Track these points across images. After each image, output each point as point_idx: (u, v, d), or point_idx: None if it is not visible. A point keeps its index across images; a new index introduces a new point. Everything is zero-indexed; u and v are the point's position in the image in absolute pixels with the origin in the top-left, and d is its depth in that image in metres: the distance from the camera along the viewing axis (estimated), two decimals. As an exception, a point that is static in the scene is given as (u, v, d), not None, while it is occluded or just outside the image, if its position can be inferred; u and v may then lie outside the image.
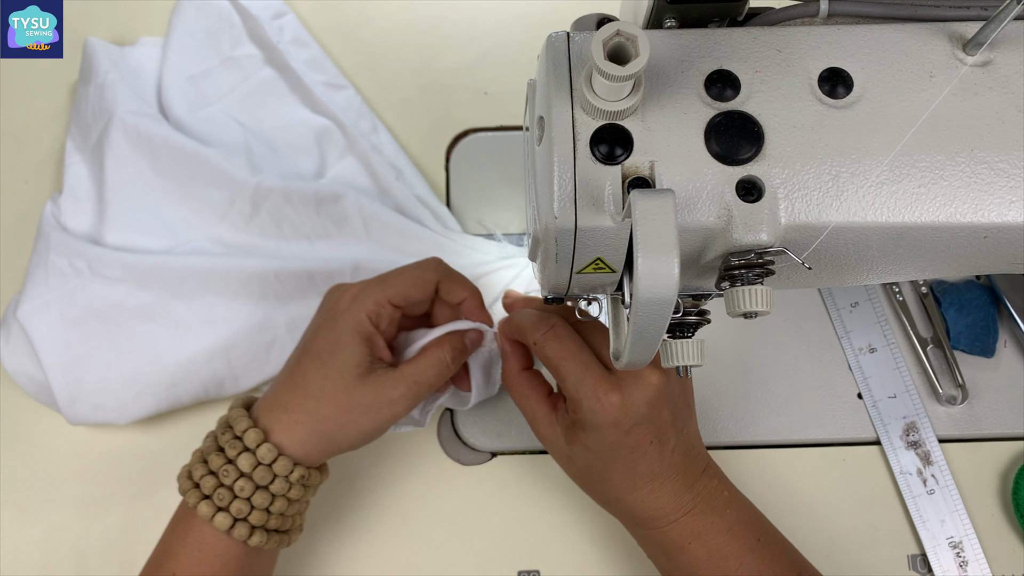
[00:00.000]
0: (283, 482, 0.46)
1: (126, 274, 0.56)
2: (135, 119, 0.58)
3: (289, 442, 0.46)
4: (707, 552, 0.46)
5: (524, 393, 0.50)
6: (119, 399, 0.55)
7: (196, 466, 0.46)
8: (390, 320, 0.48)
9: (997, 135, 0.35)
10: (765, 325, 0.60)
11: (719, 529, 0.46)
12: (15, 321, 0.55)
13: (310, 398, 0.46)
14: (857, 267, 0.38)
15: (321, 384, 0.46)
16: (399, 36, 0.66)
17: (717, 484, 0.48)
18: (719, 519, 0.47)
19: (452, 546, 0.56)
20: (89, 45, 0.61)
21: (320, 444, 0.46)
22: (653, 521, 0.47)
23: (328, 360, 0.47)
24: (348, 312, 0.47)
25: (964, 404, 0.58)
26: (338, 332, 0.47)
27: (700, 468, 0.48)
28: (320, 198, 0.58)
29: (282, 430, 0.46)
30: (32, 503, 0.57)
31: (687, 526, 0.46)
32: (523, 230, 0.62)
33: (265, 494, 0.45)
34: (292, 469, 0.46)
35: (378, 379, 0.47)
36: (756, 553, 0.46)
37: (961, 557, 0.55)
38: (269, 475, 0.45)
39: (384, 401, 0.47)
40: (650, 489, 0.47)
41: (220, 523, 0.44)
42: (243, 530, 0.45)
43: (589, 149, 0.34)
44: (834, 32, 0.37)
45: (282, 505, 0.46)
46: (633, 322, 0.31)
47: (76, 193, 0.59)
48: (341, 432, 0.47)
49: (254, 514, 0.45)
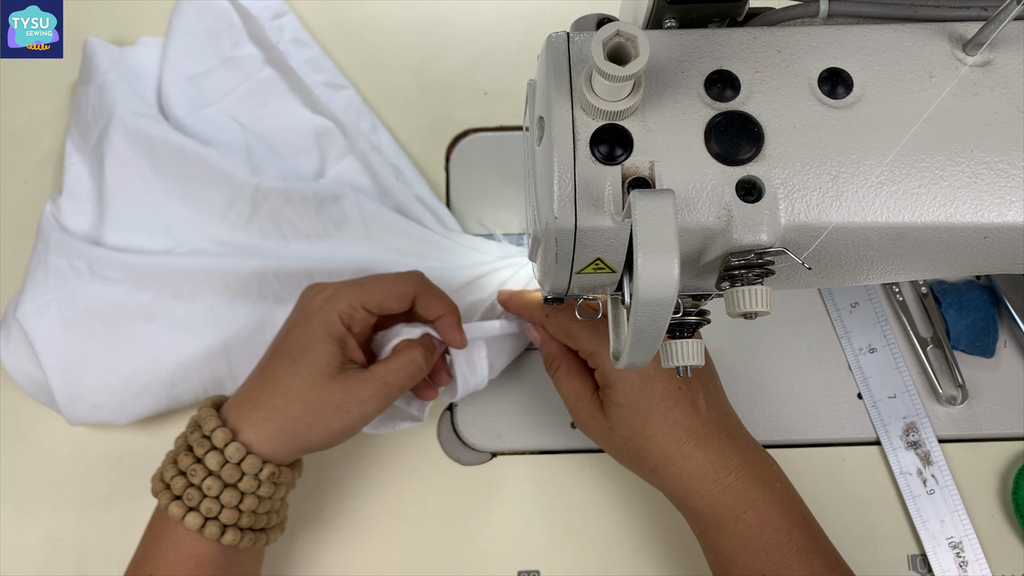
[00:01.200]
0: (252, 480, 0.45)
1: (125, 274, 0.56)
2: (135, 119, 0.58)
3: (257, 440, 0.46)
4: (760, 523, 0.45)
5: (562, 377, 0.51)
6: (119, 399, 0.55)
7: (167, 467, 0.46)
8: (363, 323, 0.48)
9: (997, 135, 0.35)
10: (765, 325, 0.60)
11: (771, 501, 0.46)
12: (15, 321, 0.55)
13: (278, 395, 0.46)
14: (857, 267, 0.38)
15: (290, 382, 0.46)
16: (399, 36, 0.66)
17: (766, 455, 0.48)
18: (770, 491, 0.46)
19: (452, 546, 0.56)
20: (89, 46, 0.61)
21: (288, 442, 0.46)
22: (704, 484, 0.46)
23: (298, 358, 0.47)
24: (321, 311, 0.47)
25: (964, 404, 0.58)
26: (310, 331, 0.47)
27: (746, 437, 0.48)
28: (320, 199, 0.58)
29: (250, 427, 0.46)
30: (32, 503, 0.57)
31: (741, 493, 0.46)
32: (523, 230, 0.62)
33: (234, 492, 0.45)
34: (261, 467, 0.46)
35: (348, 379, 0.47)
36: (804, 530, 0.46)
37: (961, 557, 0.55)
38: (237, 473, 0.45)
39: (353, 401, 0.46)
40: (695, 443, 0.47)
41: (191, 523, 0.44)
42: (214, 529, 0.45)
43: (589, 149, 0.34)
44: (834, 32, 0.37)
45: (252, 503, 0.46)
46: (633, 322, 0.31)
47: (76, 193, 0.59)
48: (309, 431, 0.46)
49: (224, 512, 0.45)
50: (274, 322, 0.57)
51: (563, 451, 0.58)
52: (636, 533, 0.56)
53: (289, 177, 0.60)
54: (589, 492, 0.57)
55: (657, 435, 0.47)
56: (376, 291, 0.48)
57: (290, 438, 0.46)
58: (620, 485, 0.57)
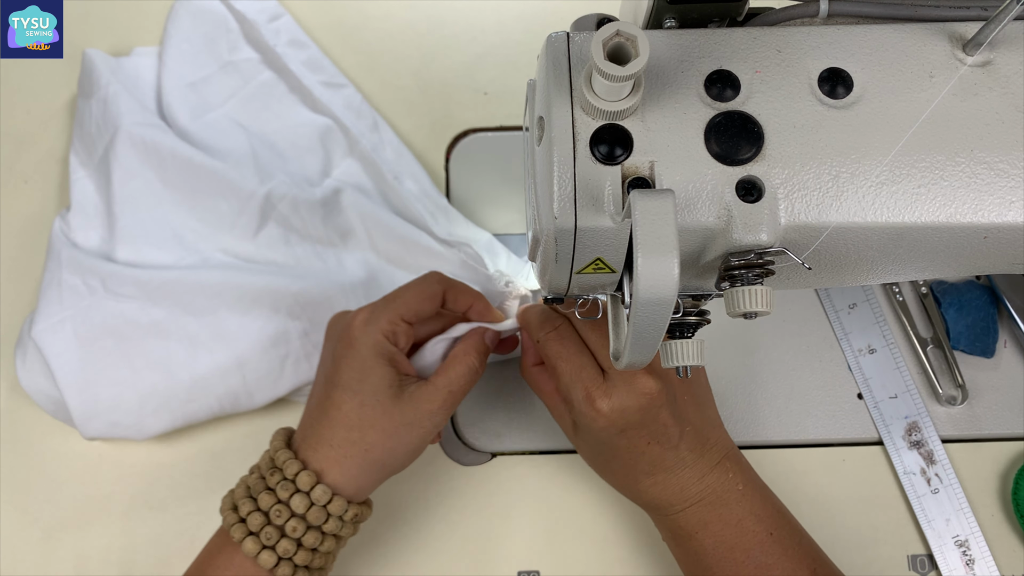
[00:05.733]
0: (337, 521, 0.45)
1: (138, 291, 0.56)
2: (141, 130, 0.58)
3: (342, 479, 0.45)
4: (713, 542, 0.47)
5: (537, 386, 0.52)
6: (135, 416, 0.55)
7: (243, 501, 0.45)
8: (407, 336, 0.48)
9: (997, 135, 0.35)
10: (765, 325, 0.60)
11: (726, 521, 0.47)
12: (31, 340, 0.55)
13: (352, 429, 0.46)
14: (857, 267, 0.38)
15: (360, 413, 0.46)
16: (399, 36, 0.66)
17: (732, 476, 0.48)
18: (727, 512, 0.47)
19: (452, 546, 0.56)
20: (88, 58, 0.61)
21: (373, 473, 0.47)
22: (660, 509, 0.48)
23: (359, 388, 0.46)
24: (365, 336, 0.47)
25: (964, 404, 0.58)
26: (361, 358, 0.46)
27: (715, 459, 0.48)
28: (326, 208, 0.58)
29: (333, 467, 0.45)
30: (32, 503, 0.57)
31: (694, 515, 0.47)
32: (523, 230, 0.62)
33: (316, 534, 0.45)
34: (347, 508, 0.45)
35: (413, 395, 0.47)
36: (765, 548, 0.46)
37: (968, 555, 0.55)
38: (323, 515, 0.45)
39: (424, 414, 0.47)
40: (653, 482, 0.48)
41: (265, 561, 0.44)
42: (287, 569, 0.45)
43: (589, 149, 0.34)
44: (834, 32, 0.37)
45: (331, 544, 0.46)
46: (633, 322, 0.31)
47: (84, 208, 0.59)
48: (391, 456, 0.47)
49: (300, 554, 0.45)
50: (288, 336, 0.56)
51: (563, 451, 0.58)
52: (636, 533, 0.56)
53: (296, 178, 0.60)
54: (589, 492, 0.57)
55: (617, 471, 0.50)
56: (409, 300, 0.48)
57: (375, 468, 0.46)
58: (620, 485, 0.57)
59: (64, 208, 0.60)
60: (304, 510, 0.44)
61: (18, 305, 0.61)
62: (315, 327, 0.57)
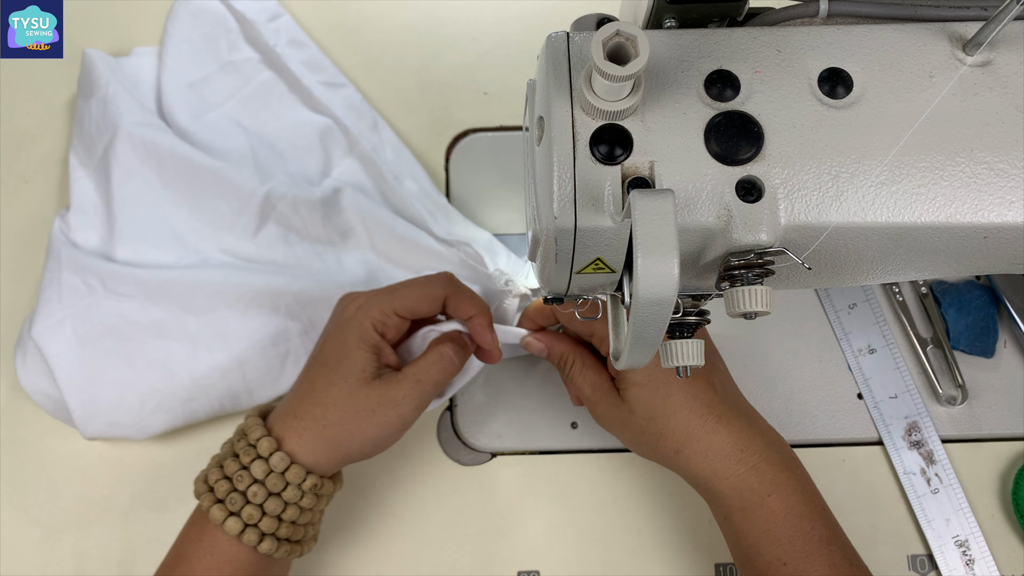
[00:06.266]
0: (295, 490, 0.46)
1: (138, 290, 0.56)
2: (141, 130, 0.58)
3: (300, 450, 0.46)
4: (785, 508, 0.45)
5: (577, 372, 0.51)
6: (135, 416, 0.55)
7: (211, 470, 0.47)
8: (396, 330, 0.49)
9: (997, 135, 0.35)
10: (765, 325, 0.60)
11: (794, 487, 0.46)
12: (31, 340, 0.55)
13: (317, 404, 0.47)
14: (857, 267, 0.38)
15: (327, 390, 0.47)
16: (399, 36, 0.66)
17: (783, 440, 0.48)
18: (793, 476, 0.46)
19: (452, 546, 0.56)
20: (87, 58, 0.61)
21: (328, 451, 0.47)
22: (730, 463, 0.46)
23: (334, 367, 0.47)
24: (354, 320, 0.48)
25: (964, 404, 0.58)
26: (344, 339, 0.48)
27: (762, 421, 0.49)
28: (326, 207, 0.58)
29: (292, 437, 0.46)
30: (32, 503, 0.57)
31: (767, 475, 0.46)
32: (523, 230, 0.62)
33: (277, 501, 0.45)
34: (304, 477, 0.46)
35: (382, 382, 0.47)
36: (824, 520, 0.46)
37: (968, 555, 0.55)
38: (281, 482, 0.45)
39: (388, 403, 0.47)
40: (717, 419, 0.47)
41: (231, 527, 0.45)
42: (253, 536, 0.45)
43: (589, 149, 0.34)
44: (834, 32, 0.37)
45: (294, 513, 0.46)
46: (633, 322, 0.31)
47: (83, 208, 0.59)
48: (348, 438, 0.47)
49: (265, 520, 0.45)
50: (288, 334, 0.57)
51: (563, 451, 0.58)
52: (636, 533, 0.56)
53: (296, 177, 0.60)
54: (589, 492, 0.57)
55: (680, 410, 0.47)
56: (407, 296, 0.49)
57: (331, 446, 0.47)
58: (620, 485, 0.57)
59: (64, 208, 0.60)
60: (263, 475, 0.45)
61: (18, 305, 0.61)
62: (315, 326, 0.57)
